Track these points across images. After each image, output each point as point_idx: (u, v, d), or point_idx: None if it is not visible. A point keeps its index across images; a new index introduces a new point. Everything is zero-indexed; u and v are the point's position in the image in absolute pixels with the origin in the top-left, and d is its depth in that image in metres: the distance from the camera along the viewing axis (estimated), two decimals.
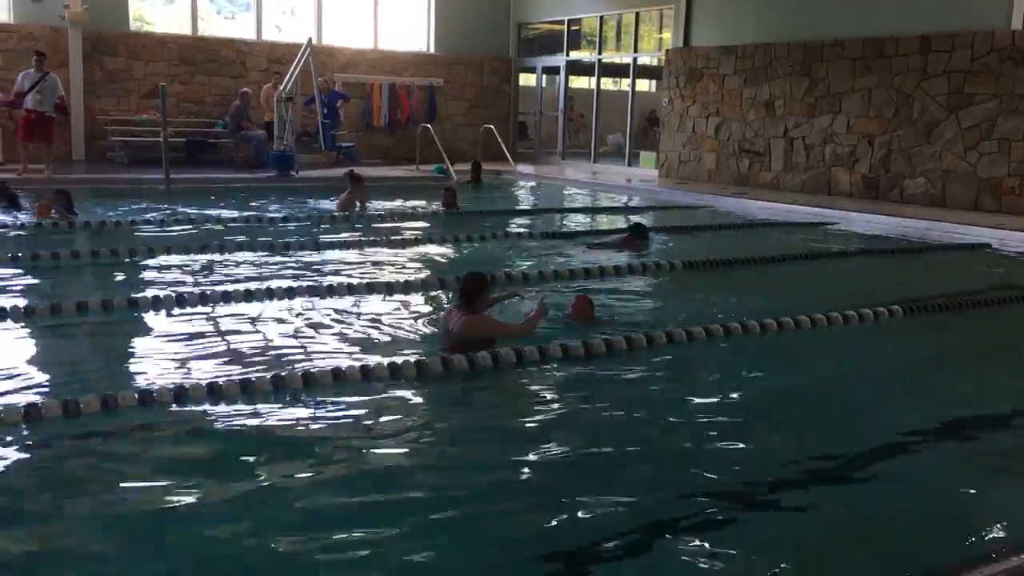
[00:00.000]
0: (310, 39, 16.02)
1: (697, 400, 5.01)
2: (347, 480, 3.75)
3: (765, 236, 11.36)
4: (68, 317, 5.95)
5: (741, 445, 4.28)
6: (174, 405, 4.36)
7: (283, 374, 4.75)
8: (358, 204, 11.90)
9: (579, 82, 21.12)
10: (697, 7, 16.62)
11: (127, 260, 8.03)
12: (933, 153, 13.19)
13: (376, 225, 10.91)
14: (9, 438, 3.97)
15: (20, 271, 7.49)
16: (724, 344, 5.88)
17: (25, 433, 4.03)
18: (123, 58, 16.85)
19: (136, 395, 4.34)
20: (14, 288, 6.97)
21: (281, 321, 6.14)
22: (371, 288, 7.05)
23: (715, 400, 4.99)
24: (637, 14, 18.32)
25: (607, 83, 20.77)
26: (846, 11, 14.16)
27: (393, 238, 9.68)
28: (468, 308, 5.51)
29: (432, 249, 9.35)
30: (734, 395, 5.05)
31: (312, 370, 4.85)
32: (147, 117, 16.51)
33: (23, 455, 3.91)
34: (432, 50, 20.25)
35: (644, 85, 21.06)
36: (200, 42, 17.70)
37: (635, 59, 18.69)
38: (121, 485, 3.61)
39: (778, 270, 8.92)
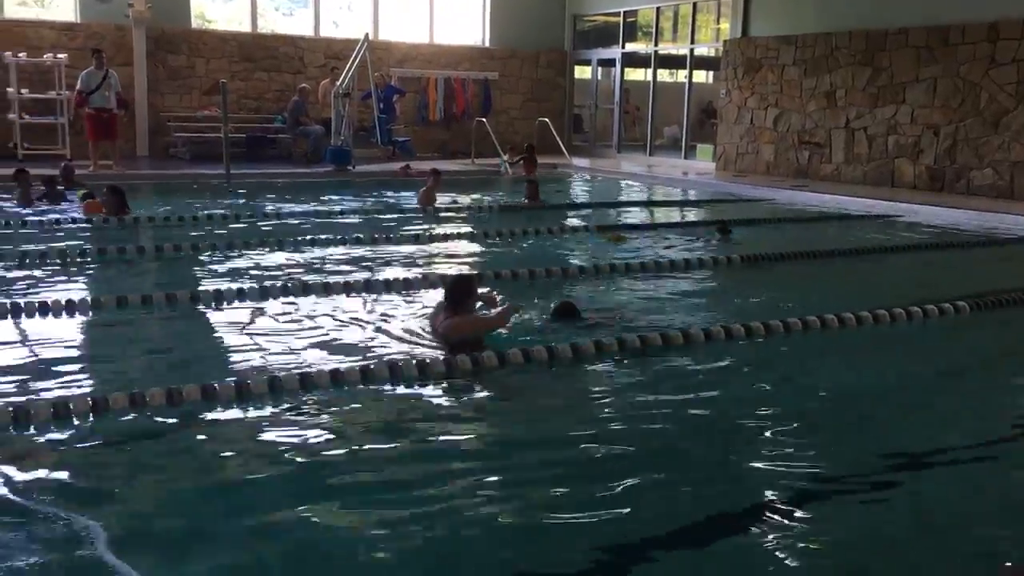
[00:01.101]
0: (367, 35, 16.15)
1: (758, 398, 4.93)
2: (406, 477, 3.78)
3: (826, 229, 11.17)
4: (133, 309, 6.09)
5: (806, 443, 4.21)
6: (235, 403, 4.43)
7: (338, 369, 4.80)
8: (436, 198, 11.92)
9: (635, 74, 20.96)
10: None
11: (200, 255, 8.19)
12: (1001, 144, 12.83)
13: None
14: (76, 430, 4.07)
15: (83, 266, 7.68)
16: (785, 340, 5.79)
17: (93, 425, 4.14)
18: (185, 55, 17.18)
19: (200, 389, 4.42)
20: (79, 282, 7.15)
21: (356, 318, 6.20)
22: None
23: (777, 398, 4.90)
24: (694, 4, 18.12)
25: (663, 75, 20.59)
26: None
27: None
28: (454, 310, 5.41)
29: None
30: (797, 393, 4.97)
31: (370, 365, 4.89)
32: (208, 113, 16.82)
33: (91, 447, 4.01)
34: (487, 44, 20.27)
35: (701, 76, 20.84)
36: (260, 39, 17.95)
37: (692, 50, 18.48)
38: (183, 478, 3.68)
39: (840, 264, 8.76)
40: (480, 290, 5.84)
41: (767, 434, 4.33)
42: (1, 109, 15.53)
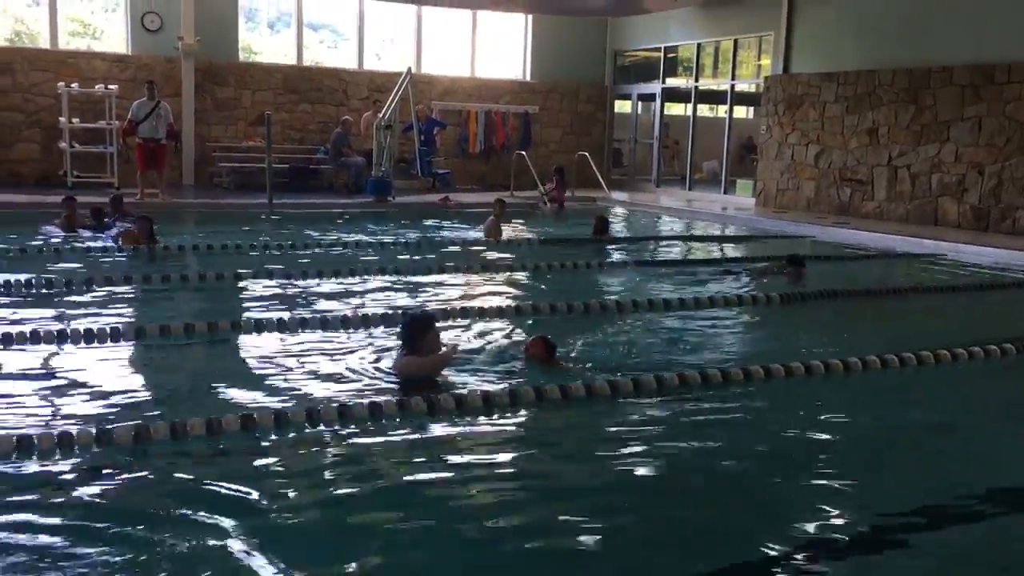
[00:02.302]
0: (409, 68, 16.36)
1: (811, 437, 4.86)
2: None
3: (868, 268, 11.04)
4: (176, 338, 6.17)
5: (859, 484, 4.16)
6: (273, 431, 4.47)
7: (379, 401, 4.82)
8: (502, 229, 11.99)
9: (675, 109, 20.99)
10: (798, 33, 16.35)
11: (231, 284, 8.30)
12: None
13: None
14: (120, 459, 4.12)
15: (129, 294, 7.81)
16: (827, 381, 5.72)
17: (134, 454, 4.19)
18: (232, 87, 17.52)
19: (239, 419, 4.46)
20: (123, 309, 7.27)
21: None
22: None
23: (829, 438, 4.83)
24: (735, 41, 18.13)
25: (703, 110, 20.59)
26: (955, 37, 13.72)
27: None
28: (410, 350, 5.33)
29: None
30: (846, 433, 4.90)
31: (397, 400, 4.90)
32: (253, 144, 17.10)
33: (133, 476, 4.05)
34: (528, 78, 20.44)
35: (741, 112, 20.80)
36: (304, 72, 18.26)
37: (732, 86, 18.48)
38: (221, 507, 3.70)
39: (883, 303, 8.65)
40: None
41: (817, 475, 4.28)
42: (53, 138, 15.94)
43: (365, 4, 18.51)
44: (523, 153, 17.90)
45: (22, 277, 7.81)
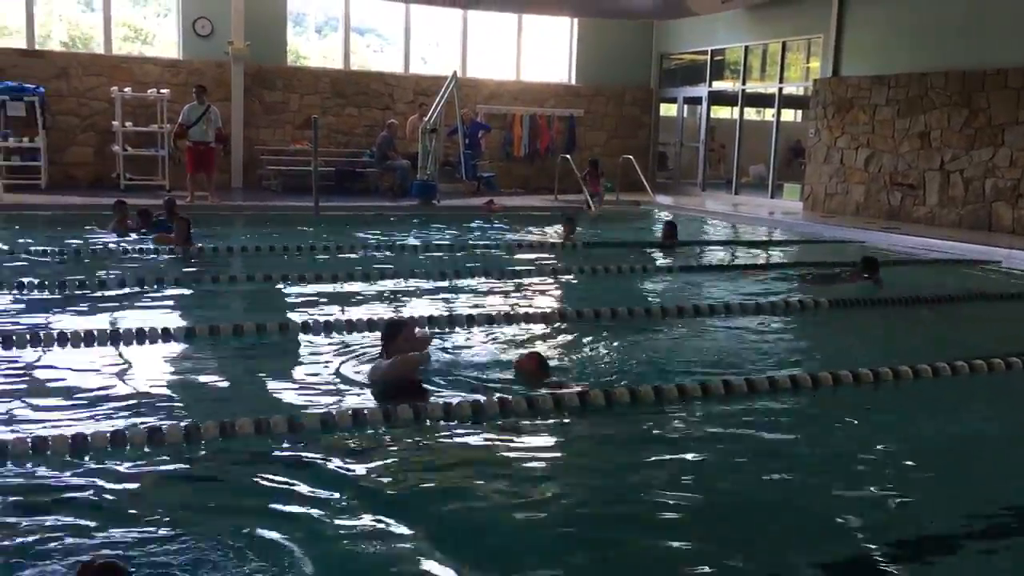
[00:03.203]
0: (455, 72, 16.44)
1: (858, 446, 4.79)
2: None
3: (919, 274, 10.84)
4: (224, 339, 6.26)
5: (908, 495, 4.10)
6: (322, 432, 4.51)
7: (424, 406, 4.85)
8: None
9: (721, 112, 20.82)
10: (848, 36, 16.13)
11: (277, 286, 8.40)
12: None
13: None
14: (169, 457, 4.20)
15: (173, 293, 7.94)
16: (877, 389, 5.63)
17: (185, 453, 4.26)
18: (280, 91, 17.73)
19: (286, 421, 4.51)
20: (171, 309, 7.39)
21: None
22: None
23: (878, 448, 4.74)
24: (784, 44, 17.94)
25: (750, 113, 20.40)
26: (1009, 39, 13.43)
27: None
28: (385, 355, 5.28)
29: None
30: (896, 444, 4.81)
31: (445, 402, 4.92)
32: (299, 147, 17.29)
33: (183, 473, 4.12)
34: (573, 81, 20.41)
35: (789, 115, 20.57)
36: (352, 76, 18.43)
37: (780, 89, 18.28)
38: (267, 508, 3.74)
39: (933, 311, 8.49)
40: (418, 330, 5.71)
41: (864, 485, 4.22)
42: (106, 141, 16.26)
43: (411, 8, 18.63)
44: (567, 157, 17.87)
45: (75, 278, 7.99)
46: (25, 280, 7.79)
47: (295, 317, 6.94)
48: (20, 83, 15.50)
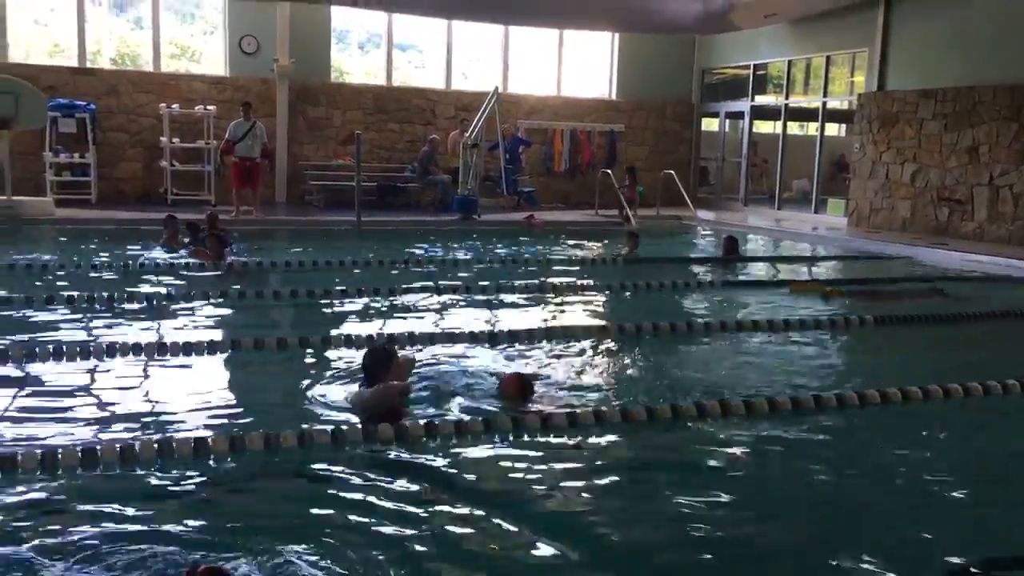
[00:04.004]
0: (496, 88, 16.51)
1: (905, 466, 4.71)
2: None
3: (967, 290, 10.63)
4: (269, 352, 6.32)
5: (950, 517, 4.01)
6: (361, 445, 4.53)
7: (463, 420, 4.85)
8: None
9: (764, 126, 20.66)
10: (893, 49, 15.94)
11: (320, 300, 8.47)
12: None
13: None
14: (212, 467, 4.24)
15: (217, 307, 8.04)
16: (917, 408, 5.53)
17: (231, 464, 4.30)
18: (324, 107, 17.95)
19: (330, 433, 4.54)
20: (214, 323, 7.48)
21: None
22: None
23: (925, 468, 4.66)
24: (828, 57, 17.78)
25: (793, 127, 20.22)
26: None
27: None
28: (369, 383, 5.09)
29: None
30: (944, 464, 4.73)
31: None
32: (342, 162, 17.46)
33: (228, 484, 4.16)
34: (614, 96, 20.40)
35: (832, 129, 20.35)
36: (393, 91, 18.60)
37: (824, 103, 18.10)
38: (312, 516, 3.76)
39: (982, 328, 8.32)
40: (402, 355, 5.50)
41: (913, 506, 4.14)
42: (154, 157, 16.57)
43: (453, 24, 18.77)
44: (608, 171, 17.85)
45: (124, 291, 8.14)
46: (75, 294, 7.93)
47: (316, 332, 6.91)
48: (71, 100, 15.86)
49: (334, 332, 6.99)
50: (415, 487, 4.10)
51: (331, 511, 3.83)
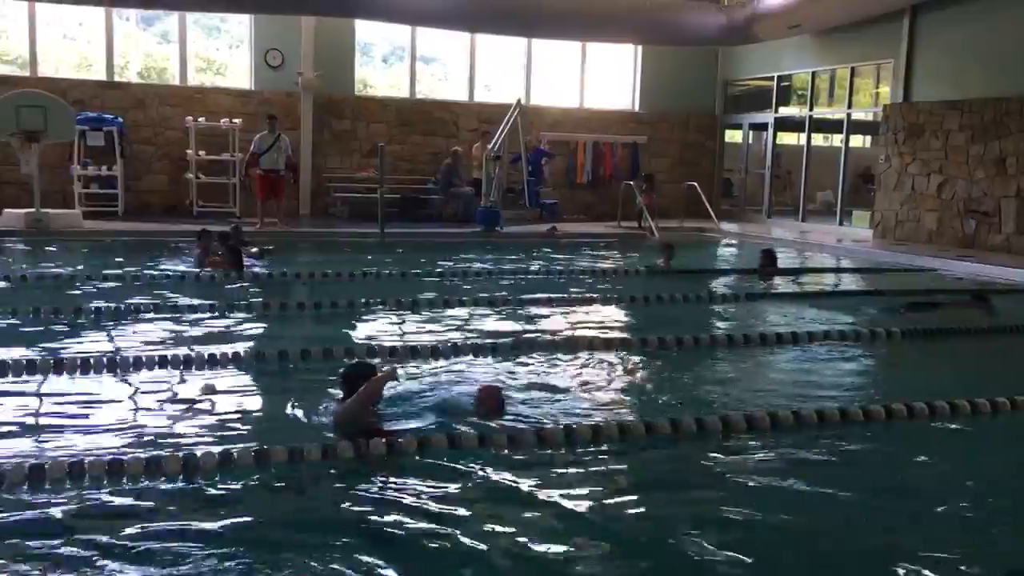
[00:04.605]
0: (519, 100, 16.55)
1: (929, 482, 4.66)
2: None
3: (998, 301, 10.50)
4: (293, 363, 6.34)
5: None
6: (386, 455, 4.54)
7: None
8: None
9: (787, 138, 20.57)
10: (919, 60, 15.84)
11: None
12: None
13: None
14: (239, 481, 4.26)
15: (243, 319, 8.09)
16: (945, 423, 5.47)
17: (257, 477, 4.33)
18: (348, 120, 18.06)
19: (351, 446, 4.55)
20: (242, 335, 7.53)
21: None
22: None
23: (949, 484, 4.61)
24: (852, 69, 17.69)
25: (817, 139, 20.12)
26: None
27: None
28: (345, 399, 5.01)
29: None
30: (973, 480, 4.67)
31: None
32: (366, 174, 17.55)
33: (255, 496, 4.18)
34: (637, 108, 20.39)
35: (857, 141, 20.22)
36: (417, 104, 18.69)
37: (849, 115, 18.00)
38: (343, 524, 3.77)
39: (1010, 341, 8.22)
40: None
41: (938, 524, 4.08)
42: (180, 169, 16.73)
43: (476, 37, 18.84)
44: (631, 183, 17.82)
45: (150, 302, 8.21)
46: (101, 306, 8.01)
47: (340, 342, 6.94)
48: (99, 114, 16.06)
49: (359, 342, 7.01)
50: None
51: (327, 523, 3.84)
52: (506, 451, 4.70)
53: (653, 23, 17.36)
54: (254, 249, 11.39)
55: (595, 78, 20.24)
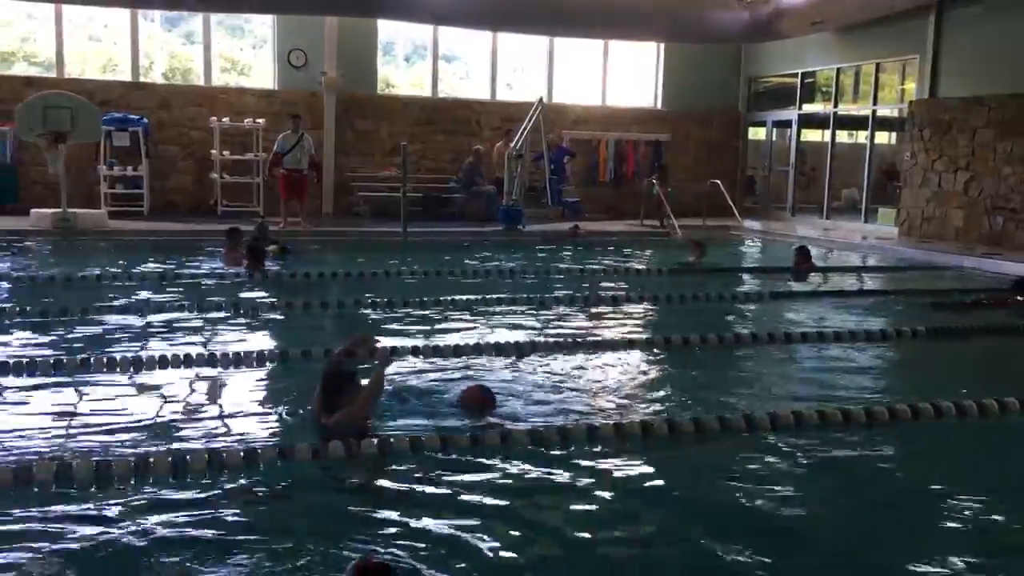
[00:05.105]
0: (541, 99, 16.54)
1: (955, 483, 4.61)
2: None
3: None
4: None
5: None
6: (410, 453, 4.56)
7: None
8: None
9: (812, 135, 20.42)
10: (945, 56, 15.67)
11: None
12: None
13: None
14: (264, 476, 4.29)
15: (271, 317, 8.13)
16: (970, 424, 5.42)
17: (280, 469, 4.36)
18: (370, 119, 18.11)
19: (376, 442, 4.57)
20: (257, 333, 7.56)
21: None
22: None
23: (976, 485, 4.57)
24: (877, 65, 17.52)
25: (842, 135, 19.95)
26: None
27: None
28: (335, 402, 4.82)
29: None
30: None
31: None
32: (389, 174, 17.59)
33: (282, 492, 4.21)
34: (659, 105, 20.32)
35: (882, 137, 20.04)
36: (439, 103, 18.72)
37: (874, 111, 17.84)
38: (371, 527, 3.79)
39: None
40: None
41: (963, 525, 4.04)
42: (205, 169, 16.86)
43: (498, 35, 18.84)
44: (654, 181, 17.76)
45: (170, 300, 8.28)
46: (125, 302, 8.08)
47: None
48: (125, 114, 16.20)
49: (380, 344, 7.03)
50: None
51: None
52: (530, 447, 4.70)
53: (676, 21, 17.29)
54: (272, 247, 11.31)
55: (617, 76, 20.17)
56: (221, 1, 16.28)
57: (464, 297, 9.04)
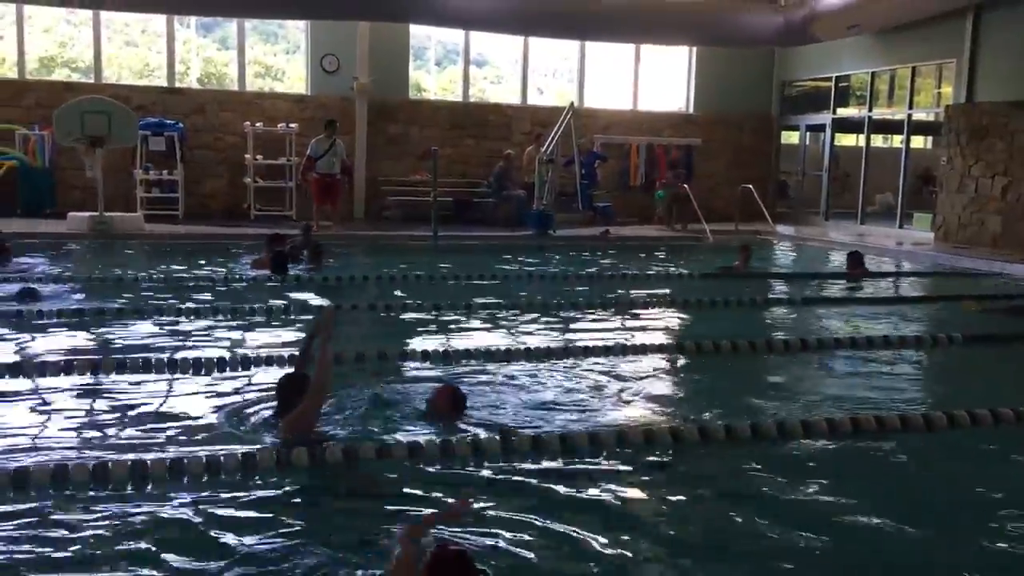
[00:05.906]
0: (572, 103, 16.52)
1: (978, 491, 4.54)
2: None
3: None
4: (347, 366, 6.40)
5: None
6: (440, 458, 4.56)
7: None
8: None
9: (846, 139, 20.22)
10: (983, 60, 15.44)
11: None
12: None
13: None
14: (295, 480, 4.32)
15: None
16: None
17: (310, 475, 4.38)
18: (402, 124, 18.20)
19: (407, 445, 4.58)
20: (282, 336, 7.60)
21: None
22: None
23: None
24: (913, 69, 17.32)
25: (877, 140, 19.74)
26: None
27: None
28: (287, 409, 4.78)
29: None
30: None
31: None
32: (419, 178, 17.65)
33: (309, 497, 4.23)
34: (691, 110, 20.23)
35: (918, 142, 19.79)
36: (470, 107, 18.77)
37: (909, 115, 17.62)
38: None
39: None
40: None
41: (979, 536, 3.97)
42: (238, 173, 17.03)
43: (529, 40, 18.85)
44: (685, 186, 17.67)
45: (201, 306, 8.37)
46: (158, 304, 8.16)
47: (393, 345, 6.99)
48: (161, 119, 16.41)
49: (409, 347, 7.05)
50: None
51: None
52: (559, 450, 4.70)
53: (709, 24, 17.21)
54: (307, 251, 11.34)
55: (648, 80, 20.11)
56: (254, 6, 16.42)
57: (493, 300, 9.05)
